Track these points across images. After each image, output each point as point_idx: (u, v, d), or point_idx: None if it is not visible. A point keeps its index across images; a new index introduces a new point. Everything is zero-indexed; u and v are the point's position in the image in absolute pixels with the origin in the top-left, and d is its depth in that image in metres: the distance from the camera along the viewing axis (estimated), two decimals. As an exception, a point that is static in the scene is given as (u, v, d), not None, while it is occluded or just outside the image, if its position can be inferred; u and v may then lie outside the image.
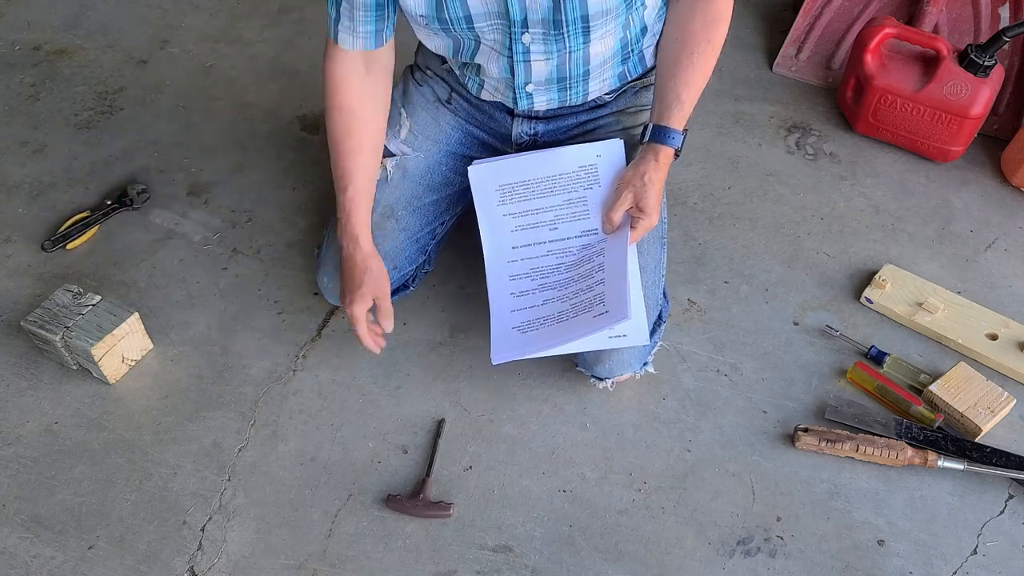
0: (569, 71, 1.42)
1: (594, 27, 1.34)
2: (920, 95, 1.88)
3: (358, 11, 1.38)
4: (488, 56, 1.41)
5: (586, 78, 1.44)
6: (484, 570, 1.38)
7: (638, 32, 1.41)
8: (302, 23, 2.29)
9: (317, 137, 2.01)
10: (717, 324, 1.68)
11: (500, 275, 1.50)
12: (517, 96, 1.46)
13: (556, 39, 1.36)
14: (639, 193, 1.40)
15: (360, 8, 1.37)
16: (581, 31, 1.34)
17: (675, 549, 1.40)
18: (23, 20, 2.29)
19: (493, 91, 1.49)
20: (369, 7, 1.37)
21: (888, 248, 1.80)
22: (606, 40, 1.38)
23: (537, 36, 1.35)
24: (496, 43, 1.38)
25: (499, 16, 1.33)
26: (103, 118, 2.05)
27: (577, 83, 1.45)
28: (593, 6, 1.31)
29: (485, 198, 1.52)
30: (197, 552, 1.39)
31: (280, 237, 1.81)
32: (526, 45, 1.37)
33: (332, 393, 1.58)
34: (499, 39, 1.37)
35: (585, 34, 1.35)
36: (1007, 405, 1.52)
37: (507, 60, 1.40)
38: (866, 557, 1.39)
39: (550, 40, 1.36)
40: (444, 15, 1.34)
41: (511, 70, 1.41)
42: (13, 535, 1.41)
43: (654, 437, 1.52)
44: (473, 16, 1.33)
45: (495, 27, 1.35)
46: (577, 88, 1.46)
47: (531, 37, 1.36)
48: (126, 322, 1.55)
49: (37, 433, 1.53)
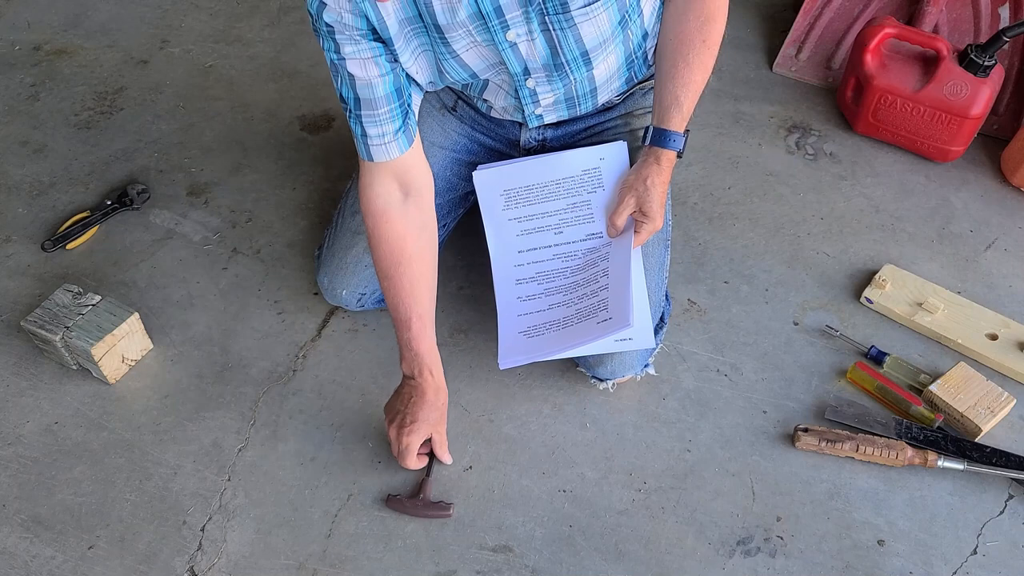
0: (576, 92, 1.44)
1: (595, 57, 1.35)
2: (920, 95, 1.88)
3: (379, 108, 1.32)
4: (496, 93, 1.43)
5: (594, 94, 1.46)
6: (484, 570, 1.38)
7: (639, 40, 1.41)
8: (302, 23, 2.29)
9: (317, 137, 2.01)
10: (717, 324, 1.68)
11: (507, 279, 1.50)
12: (527, 116, 1.48)
13: (560, 77, 1.38)
14: (642, 197, 1.40)
15: (382, 103, 1.32)
16: (583, 64, 1.36)
17: (675, 549, 1.40)
18: (23, 20, 2.29)
19: (502, 112, 1.50)
20: (389, 98, 1.32)
21: (888, 248, 1.80)
22: (608, 60, 1.39)
23: (541, 79, 1.38)
24: (504, 83, 1.40)
25: (501, 64, 1.34)
26: (103, 118, 2.05)
27: (586, 99, 1.47)
28: (590, 40, 1.32)
29: (490, 203, 1.52)
30: (197, 552, 1.39)
31: (280, 237, 1.81)
32: (531, 88, 1.39)
33: (332, 393, 1.58)
34: (506, 80, 1.39)
35: (587, 65, 1.37)
36: (1007, 405, 1.52)
37: (515, 100, 1.42)
38: (866, 557, 1.39)
39: (554, 79, 1.38)
40: (448, 79, 1.36)
41: (519, 104, 1.43)
42: (13, 535, 1.41)
43: (654, 437, 1.52)
44: (476, 72, 1.35)
45: (500, 72, 1.36)
46: (586, 103, 1.48)
47: (535, 81, 1.38)
48: (126, 322, 1.55)
49: (37, 433, 1.53)
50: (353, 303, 1.62)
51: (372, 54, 1.28)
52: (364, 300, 1.61)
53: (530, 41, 1.30)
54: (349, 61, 1.29)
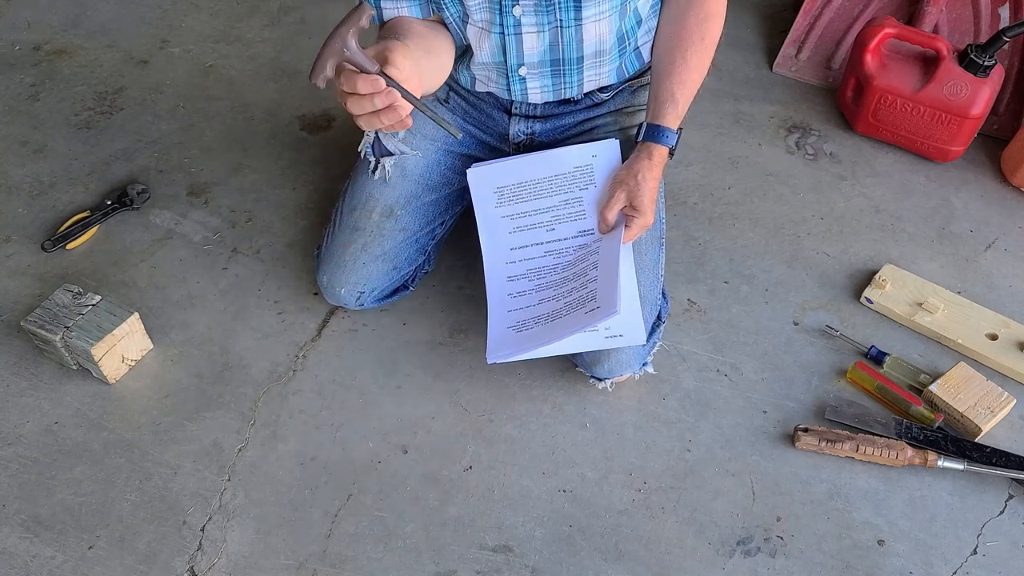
0: (562, 52, 1.41)
1: (586, 3, 1.34)
2: (920, 95, 1.88)
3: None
4: (479, 36, 1.40)
5: (580, 64, 1.43)
6: (484, 570, 1.38)
7: (633, 23, 1.41)
8: (302, 23, 2.29)
9: (317, 137, 2.01)
10: (717, 324, 1.68)
11: (498, 276, 1.50)
12: (510, 82, 1.45)
13: (547, 10, 1.35)
14: (632, 192, 1.41)
15: None
16: (572, 5, 1.34)
17: (675, 549, 1.40)
18: (23, 20, 2.29)
19: (486, 80, 1.49)
20: None
21: (888, 248, 1.80)
22: (600, 25, 1.37)
23: (528, 7, 1.35)
24: (485, 22, 1.37)
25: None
26: (103, 118, 2.05)
27: (571, 70, 1.44)
28: None
29: (483, 200, 1.52)
30: (197, 552, 1.39)
31: (280, 237, 1.81)
32: (516, 17, 1.36)
33: (332, 393, 1.58)
34: (488, 18, 1.36)
35: (576, 9, 1.35)
36: (1007, 405, 1.52)
37: (498, 37, 1.39)
38: (866, 557, 1.39)
39: (541, 11, 1.35)
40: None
41: (503, 49, 1.40)
42: (13, 535, 1.41)
43: (654, 437, 1.52)
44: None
45: (483, 8, 1.34)
46: (572, 76, 1.45)
47: (522, 9, 1.35)
48: (126, 322, 1.55)
49: (37, 433, 1.53)
50: (352, 302, 1.62)
51: None
52: (363, 299, 1.61)
53: None
54: None
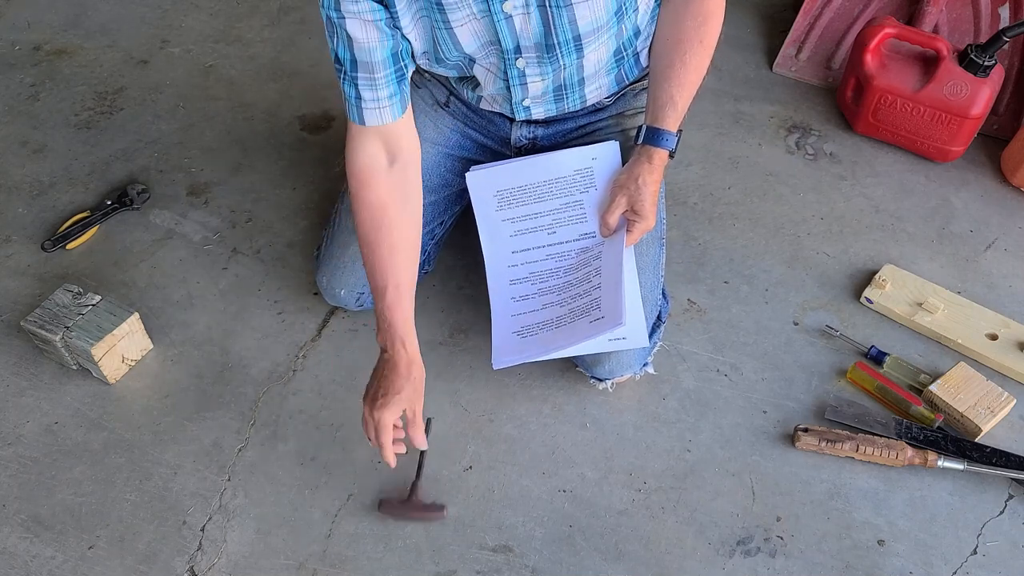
0: (564, 82, 1.43)
1: (587, 43, 1.35)
2: (920, 95, 1.88)
3: (377, 72, 1.30)
4: (485, 76, 1.42)
5: (582, 84, 1.45)
6: (484, 570, 1.38)
7: (630, 35, 1.41)
8: (302, 23, 2.29)
9: (317, 137, 2.01)
10: (717, 324, 1.68)
11: (501, 280, 1.50)
12: (515, 109, 1.47)
13: (550, 60, 1.37)
14: (633, 196, 1.41)
15: (379, 67, 1.30)
16: (574, 49, 1.35)
17: (675, 549, 1.40)
18: (23, 20, 2.29)
19: (491, 102, 1.50)
20: (387, 62, 1.30)
21: (888, 248, 1.80)
22: (600, 51, 1.39)
23: (531, 60, 1.37)
24: (492, 66, 1.39)
25: (492, 44, 1.34)
26: (103, 118, 2.05)
27: (573, 91, 1.46)
28: (584, 25, 1.31)
29: (484, 204, 1.52)
30: (197, 552, 1.39)
31: (280, 237, 1.81)
32: (521, 69, 1.38)
33: (332, 393, 1.58)
34: (495, 63, 1.38)
35: (579, 51, 1.36)
36: (1007, 405, 1.52)
37: (503, 82, 1.41)
38: (866, 557, 1.39)
39: (544, 62, 1.37)
40: (441, 55, 1.35)
41: (508, 89, 1.42)
42: (13, 535, 1.41)
43: (654, 437, 1.52)
44: (467, 50, 1.34)
45: (490, 53, 1.35)
46: (574, 95, 1.47)
47: (525, 62, 1.37)
48: (126, 322, 1.55)
49: (37, 433, 1.53)
50: (352, 303, 1.62)
51: (373, 17, 1.27)
52: (363, 299, 1.61)
53: (525, 15, 1.29)
54: (349, 20, 1.26)
